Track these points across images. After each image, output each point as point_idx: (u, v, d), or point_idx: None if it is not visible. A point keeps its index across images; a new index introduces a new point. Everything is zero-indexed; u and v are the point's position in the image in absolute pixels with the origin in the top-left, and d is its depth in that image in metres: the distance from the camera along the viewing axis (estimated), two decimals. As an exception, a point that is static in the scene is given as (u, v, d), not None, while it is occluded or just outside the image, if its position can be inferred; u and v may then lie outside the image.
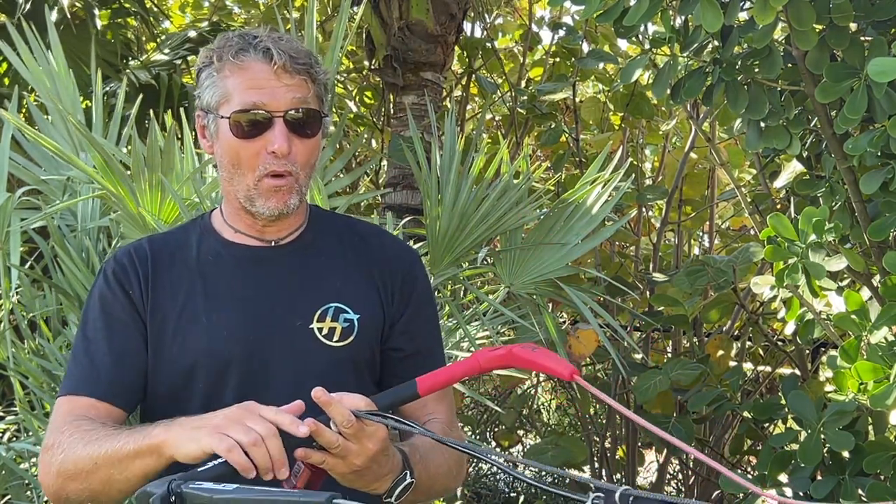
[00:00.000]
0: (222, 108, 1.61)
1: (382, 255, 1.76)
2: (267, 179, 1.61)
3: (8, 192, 2.64)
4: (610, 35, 5.09)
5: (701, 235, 5.64)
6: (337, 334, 1.66)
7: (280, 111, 1.59)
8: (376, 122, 5.67)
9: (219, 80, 1.61)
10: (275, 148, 1.58)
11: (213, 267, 1.67)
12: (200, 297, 1.64)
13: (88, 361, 1.62)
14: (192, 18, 6.42)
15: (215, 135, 1.64)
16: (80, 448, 1.48)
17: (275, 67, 1.59)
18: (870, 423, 2.80)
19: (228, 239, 1.70)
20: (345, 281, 1.70)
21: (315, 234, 1.74)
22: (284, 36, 1.65)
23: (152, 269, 1.65)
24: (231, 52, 1.60)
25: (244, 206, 1.65)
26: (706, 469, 4.67)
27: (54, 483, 1.52)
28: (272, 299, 1.65)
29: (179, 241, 1.72)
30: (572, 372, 1.40)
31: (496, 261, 3.18)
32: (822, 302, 2.76)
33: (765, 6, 2.28)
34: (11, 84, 3.88)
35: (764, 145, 2.77)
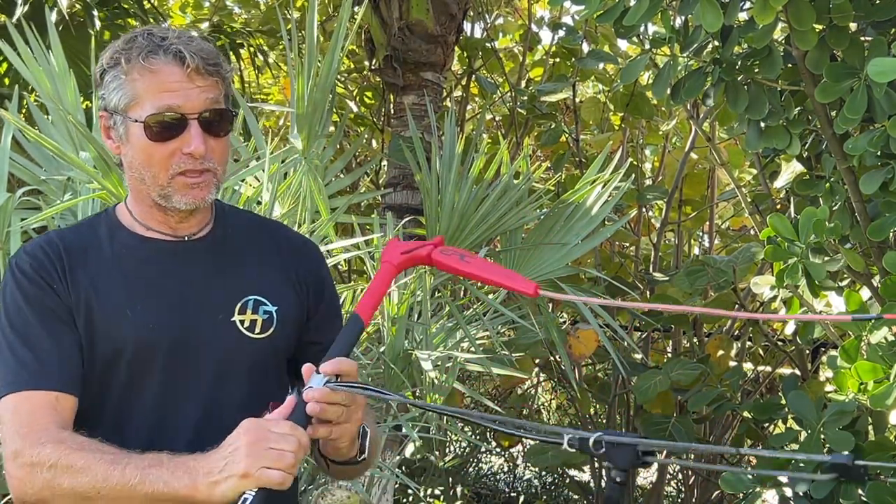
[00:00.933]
0: (132, 110, 1.60)
1: (290, 248, 1.80)
2: (180, 177, 1.61)
3: (8, 192, 2.64)
4: (610, 35, 5.09)
5: (701, 235, 5.64)
6: (258, 326, 1.68)
7: (195, 113, 1.59)
8: (376, 122, 5.67)
9: (127, 82, 1.60)
10: (191, 149, 1.59)
11: (130, 261, 1.66)
12: (121, 290, 1.63)
13: (32, 356, 1.58)
14: (193, 19, 6.42)
15: (124, 137, 1.63)
16: (78, 472, 1.48)
17: (188, 70, 1.58)
18: (870, 423, 2.80)
19: (140, 234, 1.69)
20: (260, 274, 1.72)
21: (225, 228, 1.75)
22: (193, 37, 1.64)
23: (68, 264, 1.63)
24: (140, 55, 1.58)
25: (157, 203, 1.65)
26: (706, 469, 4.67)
27: (38, 494, 1.52)
28: (192, 292, 1.66)
29: (88, 235, 1.70)
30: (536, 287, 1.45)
31: (496, 261, 3.18)
32: (822, 302, 2.76)
33: (765, 6, 2.28)
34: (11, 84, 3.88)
35: (764, 145, 2.77)
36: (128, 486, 1.46)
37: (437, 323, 3.11)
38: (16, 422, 1.55)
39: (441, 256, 1.57)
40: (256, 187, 2.84)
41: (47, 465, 1.50)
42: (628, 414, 4.73)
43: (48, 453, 1.50)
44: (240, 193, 2.89)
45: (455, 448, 5.94)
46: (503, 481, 6.29)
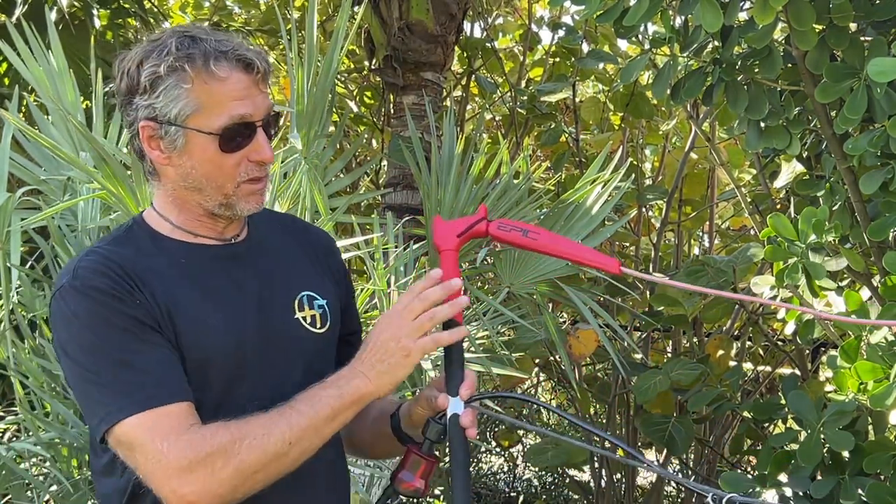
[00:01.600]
0: (194, 120, 1.54)
1: (317, 241, 1.81)
2: (245, 185, 1.59)
3: (8, 192, 2.64)
4: (610, 35, 5.09)
5: (701, 235, 5.64)
6: (318, 321, 1.69)
7: (260, 120, 1.57)
8: (376, 122, 5.67)
9: (190, 90, 1.52)
10: (262, 157, 1.57)
11: (192, 268, 1.62)
12: (196, 298, 1.59)
13: (140, 373, 1.48)
14: (193, 19, 6.42)
15: (181, 147, 1.56)
16: (263, 438, 1.47)
17: (256, 77, 1.56)
18: (870, 423, 2.80)
19: (189, 242, 1.64)
20: (303, 269, 1.72)
21: (259, 227, 1.73)
22: (232, 37, 1.60)
23: (137, 278, 1.55)
24: (204, 61, 1.52)
25: (209, 212, 1.62)
26: (706, 469, 4.67)
27: (226, 487, 1.46)
28: (257, 293, 1.65)
29: (133, 249, 1.61)
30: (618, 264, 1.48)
31: (496, 261, 3.18)
32: (822, 302, 2.76)
33: (765, 6, 2.28)
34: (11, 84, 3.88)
35: (764, 145, 2.77)
36: (309, 418, 1.50)
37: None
38: (164, 437, 1.46)
39: (501, 232, 1.56)
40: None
41: (232, 451, 1.45)
42: (628, 414, 4.73)
43: (224, 440, 1.46)
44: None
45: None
46: (503, 481, 6.29)
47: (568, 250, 1.55)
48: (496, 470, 6.37)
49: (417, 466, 1.57)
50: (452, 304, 1.54)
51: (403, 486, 1.59)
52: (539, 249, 1.55)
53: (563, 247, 1.55)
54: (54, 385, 2.65)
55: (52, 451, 2.68)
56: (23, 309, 2.75)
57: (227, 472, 1.46)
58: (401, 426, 1.72)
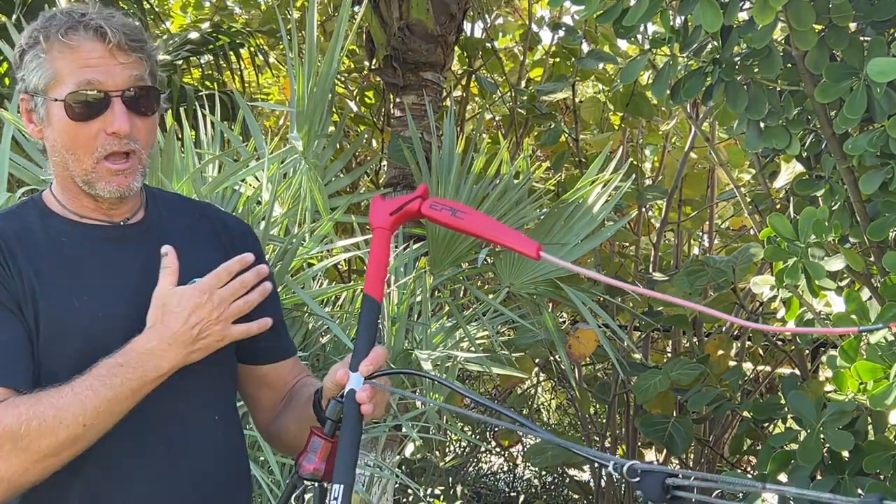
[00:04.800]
0: (53, 90, 1.53)
1: (225, 227, 1.75)
2: (105, 163, 1.55)
3: (8, 192, 2.64)
4: (610, 35, 5.09)
5: (701, 235, 5.64)
6: None
7: (118, 90, 1.53)
8: (376, 122, 5.67)
9: (46, 60, 1.53)
10: (115, 128, 1.53)
11: (69, 248, 1.59)
12: (65, 278, 1.56)
13: None
14: (193, 19, 6.42)
15: (45, 118, 1.56)
16: (54, 422, 1.42)
17: (109, 46, 1.52)
18: (869, 423, 2.80)
19: (74, 220, 1.61)
20: (202, 256, 1.66)
21: (159, 211, 1.69)
22: (114, 12, 1.57)
23: (8, 251, 1.54)
24: (59, 31, 1.52)
25: (83, 189, 1.59)
26: (706, 469, 4.67)
27: (14, 473, 1.43)
28: (137, 278, 1.59)
29: (19, 223, 1.60)
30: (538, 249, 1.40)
31: (496, 261, 3.18)
32: (821, 302, 2.76)
33: (764, 6, 2.28)
34: (11, 84, 3.88)
35: (764, 145, 2.77)
36: (106, 399, 1.44)
37: (437, 323, 3.12)
38: None
39: (432, 211, 1.48)
40: (256, 187, 2.84)
41: (19, 434, 1.42)
42: (628, 414, 4.73)
43: (9, 422, 1.42)
44: (240, 193, 2.89)
45: (455, 448, 5.94)
46: (503, 481, 6.29)
47: (491, 232, 1.48)
48: (496, 470, 6.37)
49: (318, 448, 1.48)
50: (261, 289, 1.51)
51: (303, 469, 1.50)
52: (464, 229, 1.49)
53: (487, 228, 1.48)
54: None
55: None
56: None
57: (14, 457, 1.43)
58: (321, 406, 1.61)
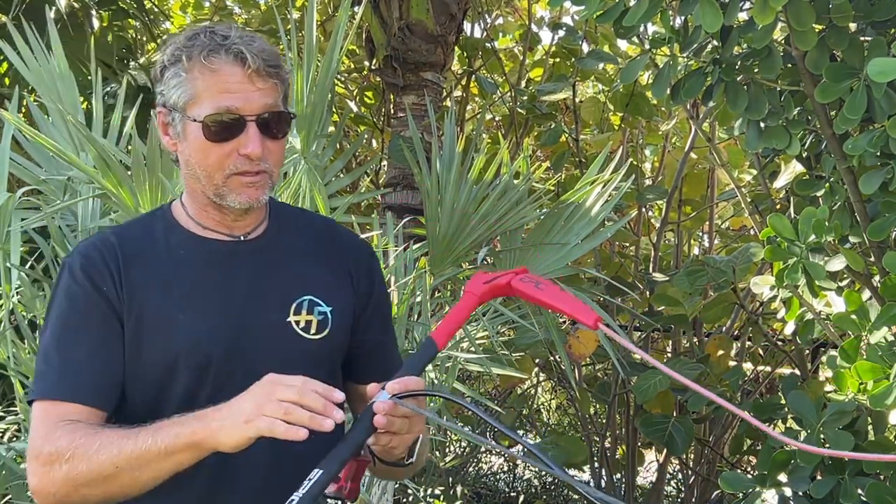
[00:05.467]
0: (191, 109, 1.59)
1: (345, 248, 1.79)
2: (236, 176, 1.60)
3: (8, 192, 2.64)
4: (610, 35, 5.09)
5: (701, 235, 5.64)
6: (313, 327, 1.67)
7: (253, 115, 1.58)
8: (376, 122, 5.67)
9: (187, 80, 1.58)
10: (248, 151, 1.58)
11: (184, 262, 1.65)
12: (175, 292, 1.62)
13: (65, 363, 1.58)
14: (193, 19, 6.42)
15: (182, 134, 1.62)
16: (95, 453, 1.48)
17: (248, 71, 1.57)
18: (869, 423, 2.80)
19: (197, 234, 1.68)
20: (314, 274, 1.71)
21: (280, 227, 1.74)
22: (255, 37, 1.63)
23: (123, 263, 1.61)
24: (201, 53, 1.57)
25: (213, 202, 1.64)
26: (706, 469, 4.68)
27: (59, 491, 1.51)
28: (247, 294, 1.65)
29: (144, 233, 1.69)
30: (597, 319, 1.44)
31: (496, 261, 3.18)
32: (821, 302, 2.76)
33: (764, 6, 2.28)
34: (11, 84, 3.88)
35: (764, 145, 2.77)
36: (141, 450, 1.46)
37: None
38: (40, 426, 1.55)
39: (520, 284, 1.56)
40: (256, 187, 2.84)
41: (65, 457, 1.49)
42: (628, 414, 4.73)
43: (64, 444, 1.50)
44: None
45: (455, 448, 5.94)
46: (503, 481, 6.29)
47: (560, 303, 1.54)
48: (496, 470, 6.37)
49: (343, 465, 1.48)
50: (313, 417, 1.41)
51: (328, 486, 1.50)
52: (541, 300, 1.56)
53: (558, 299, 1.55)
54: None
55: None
56: (23, 309, 2.75)
57: (59, 475, 1.50)
58: None
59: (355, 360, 1.76)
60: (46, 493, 1.53)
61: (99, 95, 2.99)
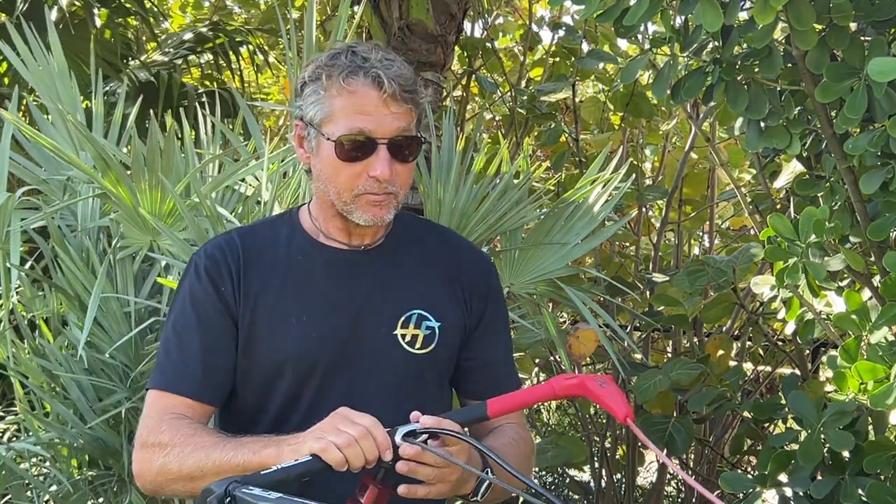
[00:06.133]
0: (326, 126, 1.64)
1: (464, 264, 1.82)
2: (364, 196, 1.65)
3: (8, 192, 2.64)
4: (610, 35, 5.09)
5: (701, 235, 5.64)
6: (419, 341, 1.71)
7: (385, 138, 1.62)
8: (376, 121, 5.66)
9: (325, 98, 1.63)
10: (377, 173, 1.62)
11: (302, 267, 1.70)
12: (291, 296, 1.67)
13: (181, 357, 1.65)
14: (193, 19, 6.42)
15: (315, 149, 1.67)
16: (187, 454, 1.54)
17: (384, 96, 1.61)
18: (870, 423, 2.80)
19: (318, 240, 1.73)
20: (428, 288, 1.75)
21: (400, 239, 1.78)
22: (394, 59, 1.67)
23: (244, 265, 1.68)
24: (340, 74, 1.62)
25: (338, 212, 1.69)
26: (706, 469, 4.67)
27: (154, 479, 1.60)
28: (359, 303, 1.69)
29: (268, 236, 1.75)
30: (626, 415, 1.46)
31: (496, 260, 3.18)
32: (822, 302, 2.76)
33: (765, 6, 2.28)
34: (11, 84, 3.88)
35: (764, 145, 2.77)
36: (223, 460, 1.52)
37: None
38: (150, 415, 1.64)
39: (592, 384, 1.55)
40: (256, 187, 2.84)
41: (164, 451, 1.57)
42: (628, 414, 4.72)
43: (166, 439, 1.57)
44: (239, 193, 2.88)
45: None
46: (503, 481, 6.27)
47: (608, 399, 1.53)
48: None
49: (365, 491, 1.51)
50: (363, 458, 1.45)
51: None
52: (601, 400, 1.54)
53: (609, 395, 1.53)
54: (54, 385, 2.65)
55: (52, 451, 2.68)
56: (23, 309, 2.75)
57: (155, 466, 1.59)
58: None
59: (465, 376, 1.80)
60: (143, 480, 1.62)
61: (99, 94, 2.99)
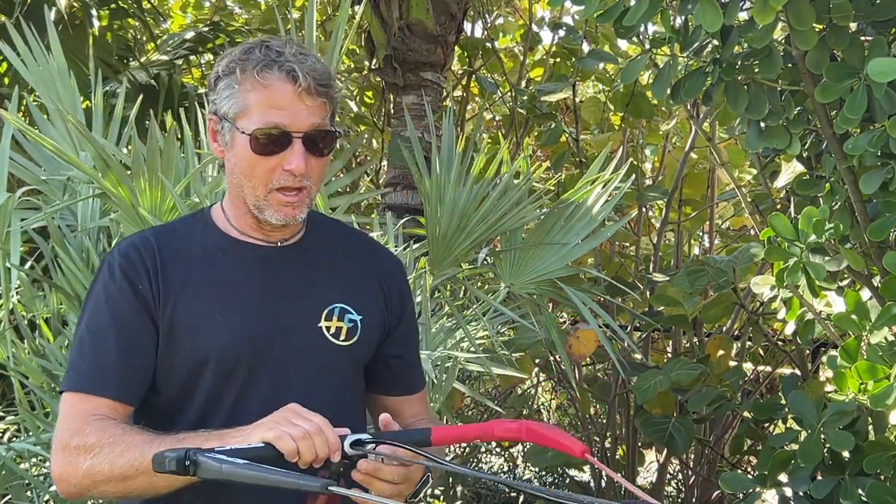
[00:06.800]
0: (240, 120, 1.63)
1: (381, 263, 1.84)
2: (277, 193, 1.64)
3: (8, 192, 2.64)
4: (610, 35, 5.09)
5: (701, 235, 5.64)
6: (343, 334, 1.71)
7: (300, 132, 1.62)
8: (376, 121, 5.67)
9: (239, 92, 1.63)
10: (292, 167, 1.62)
11: (221, 264, 1.69)
12: (211, 294, 1.66)
13: (97, 358, 1.62)
14: (193, 19, 6.42)
15: (230, 143, 1.66)
16: (117, 455, 1.51)
17: (298, 90, 1.61)
18: (870, 423, 2.80)
19: (234, 237, 1.72)
20: (347, 283, 1.75)
21: (317, 236, 1.78)
22: (308, 53, 1.67)
23: (161, 264, 1.66)
24: (255, 68, 1.61)
25: (251, 211, 1.68)
26: (706, 469, 4.67)
27: (79, 483, 1.56)
28: (280, 298, 1.69)
29: (184, 235, 1.73)
30: (583, 450, 1.46)
31: (496, 261, 3.18)
32: (822, 302, 2.76)
33: (765, 6, 2.28)
34: (11, 84, 3.88)
35: (764, 145, 2.77)
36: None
37: (437, 323, 3.11)
38: (71, 417, 1.60)
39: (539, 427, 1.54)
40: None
41: (91, 453, 1.53)
42: (628, 414, 4.72)
43: (92, 440, 1.54)
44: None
45: (455, 448, 5.94)
46: (503, 481, 6.28)
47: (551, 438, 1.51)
48: (496, 470, 6.37)
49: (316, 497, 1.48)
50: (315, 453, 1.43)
51: None
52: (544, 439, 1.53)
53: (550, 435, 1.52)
54: (54, 385, 2.65)
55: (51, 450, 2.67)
56: (23, 309, 2.75)
57: (82, 468, 1.54)
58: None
59: (379, 373, 1.80)
60: (67, 483, 1.57)
61: (99, 95, 2.99)
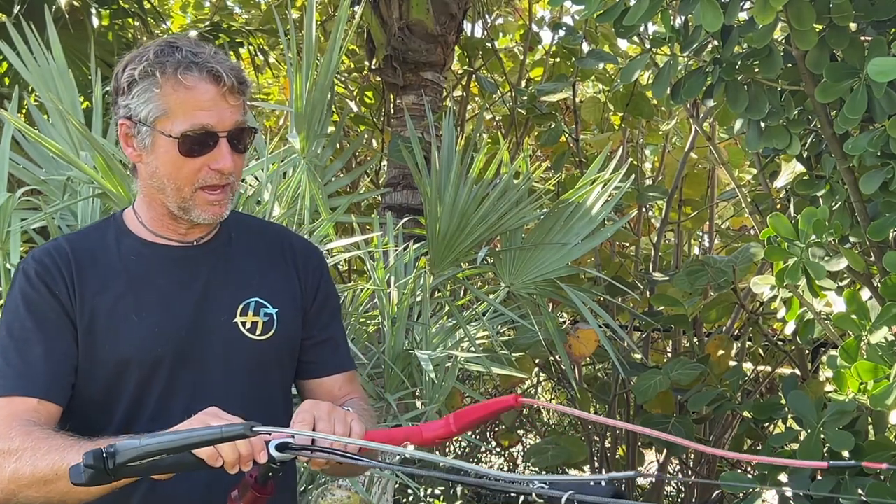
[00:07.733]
0: (162, 123, 1.62)
1: (295, 246, 1.85)
2: (202, 192, 1.65)
3: (8, 192, 2.64)
4: (610, 35, 5.09)
5: (701, 235, 5.64)
6: (259, 328, 1.72)
7: (225, 131, 1.63)
8: (376, 121, 5.67)
9: (160, 95, 1.61)
10: (220, 166, 1.63)
11: (137, 266, 1.70)
12: (129, 296, 1.67)
13: (21, 362, 1.62)
14: (194, 19, 6.42)
15: (149, 147, 1.65)
16: (40, 458, 1.50)
17: (223, 90, 1.61)
18: (870, 423, 2.80)
19: (148, 240, 1.73)
20: (263, 276, 1.77)
21: (230, 232, 1.79)
22: (221, 54, 1.67)
23: (76, 269, 1.66)
24: (176, 70, 1.60)
25: (172, 213, 1.69)
26: (706, 469, 4.67)
27: (5, 487, 1.54)
28: (198, 296, 1.70)
29: (97, 240, 1.73)
30: (515, 397, 1.46)
31: (496, 261, 3.18)
32: (822, 302, 2.76)
33: (765, 6, 2.28)
34: (11, 84, 3.87)
35: (764, 145, 2.77)
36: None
37: (437, 323, 3.11)
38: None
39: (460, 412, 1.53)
40: (256, 187, 2.84)
41: (15, 456, 1.52)
42: (628, 414, 4.73)
43: (17, 444, 1.53)
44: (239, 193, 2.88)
45: (455, 448, 5.94)
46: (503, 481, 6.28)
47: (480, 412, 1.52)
48: (496, 470, 6.37)
49: (245, 492, 1.47)
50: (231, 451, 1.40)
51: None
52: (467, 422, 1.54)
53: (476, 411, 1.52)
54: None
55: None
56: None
57: (6, 472, 1.53)
58: None
59: (308, 354, 1.81)
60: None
61: (99, 95, 2.98)
